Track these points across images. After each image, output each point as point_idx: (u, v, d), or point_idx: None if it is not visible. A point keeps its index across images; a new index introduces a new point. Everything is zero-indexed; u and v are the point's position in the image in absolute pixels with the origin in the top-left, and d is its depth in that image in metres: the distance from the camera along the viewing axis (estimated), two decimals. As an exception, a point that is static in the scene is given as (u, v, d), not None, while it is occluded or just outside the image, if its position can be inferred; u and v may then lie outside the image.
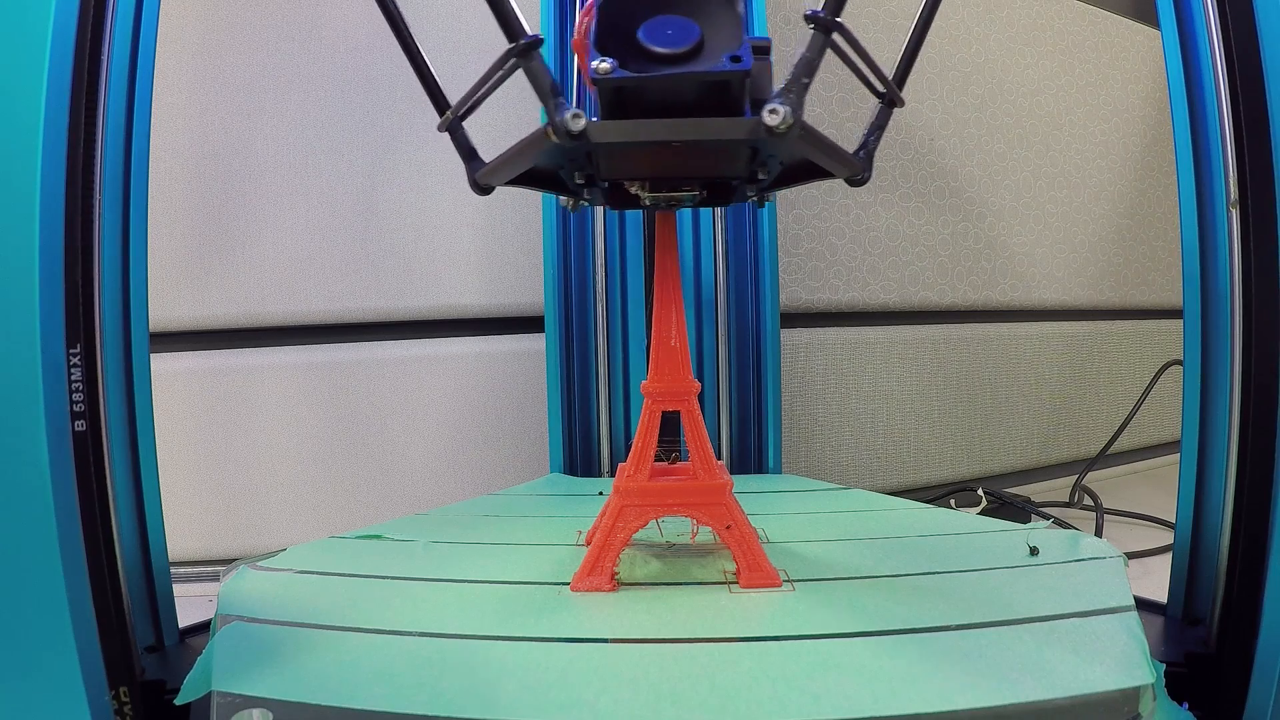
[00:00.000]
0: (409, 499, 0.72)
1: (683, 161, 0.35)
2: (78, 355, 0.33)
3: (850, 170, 0.35)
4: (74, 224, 0.33)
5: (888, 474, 0.85)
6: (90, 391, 0.35)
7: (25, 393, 0.30)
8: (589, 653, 0.33)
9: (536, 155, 0.33)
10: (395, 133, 0.71)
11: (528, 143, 0.31)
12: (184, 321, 0.69)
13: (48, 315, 0.30)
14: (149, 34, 0.40)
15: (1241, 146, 0.38)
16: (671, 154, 0.33)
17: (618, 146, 0.31)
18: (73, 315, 0.33)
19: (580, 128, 0.29)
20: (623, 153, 0.33)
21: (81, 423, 0.33)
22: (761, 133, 0.29)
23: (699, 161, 0.35)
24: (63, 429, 0.31)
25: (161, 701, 0.35)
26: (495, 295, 0.73)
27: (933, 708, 0.29)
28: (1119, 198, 1.02)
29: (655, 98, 0.31)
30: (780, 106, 0.28)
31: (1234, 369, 0.39)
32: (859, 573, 0.41)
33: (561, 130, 0.29)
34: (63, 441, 0.31)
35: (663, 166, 0.36)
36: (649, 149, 0.32)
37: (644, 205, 0.40)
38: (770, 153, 0.34)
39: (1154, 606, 0.44)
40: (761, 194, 0.42)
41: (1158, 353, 1.05)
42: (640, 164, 0.36)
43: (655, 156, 0.34)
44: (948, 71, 0.86)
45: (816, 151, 0.33)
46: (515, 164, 0.34)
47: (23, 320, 0.30)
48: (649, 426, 0.41)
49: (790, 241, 0.78)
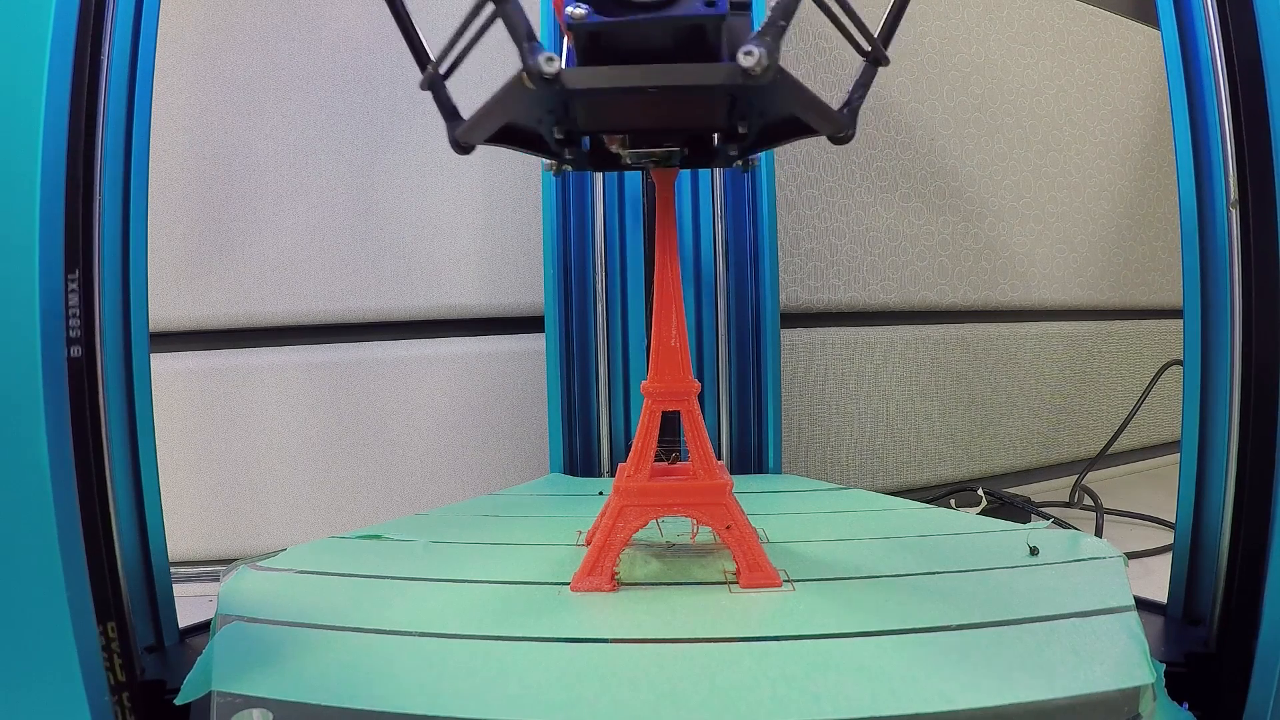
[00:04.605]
0: (409, 499, 0.72)
1: (660, 111, 0.35)
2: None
3: (833, 126, 0.34)
4: (74, 224, 0.33)
5: (888, 474, 0.85)
6: (90, 391, 0.35)
7: (26, 393, 0.30)
8: (589, 653, 0.33)
9: (515, 106, 0.33)
10: (395, 132, 0.71)
11: (504, 91, 0.31)
12: (183, 321, 0.69)
13: (48, 314, 0.30)
14: (149, 34, 0.40)
15: (1241, 146, 0.38)
16: (649, 103, 0.33)
17: (594, 95, 0.31)
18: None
19: (554, 70, 0.29)
20: (600, 103, 0.33)
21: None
22: (738, 77, 0.28)
23: (677, 112, 0.35)
24: (63, 429, 0.31)
25: (161, 701, 0.35)
26: (495, 295, 0.73)
27: (933, 708, 0.29)
28: (1119, 198, 1.02)
29: (631, 44, 0.31)
30: (756, 48, 0.28)
31: (1234, 369, 0.39)
32: (859, 573, 0.41)
33: (535, 74, 0.29)
34: (63, 441, 0.31)
35: (641, 117, 0.36)
36: (626, 97, 0.32)
37: (625, 165, 0.40)
38: (749, 102, 0.33)
39: (1154, 606, 0.44)
40: (745, 155, 0.41)
41: (1158, 353, 1.05)
42: (618, 115, 0.36)
43: (632, 106, 0.34)
44: (948, 71, 0.86)
45: (796, 102, 0.32)
46: (493, 116, 0.33)
47: (23, 320, 0.30)
48: (649, 426, 0.41)
49: (790, 241, 0.78)
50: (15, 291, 0.30)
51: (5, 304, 0.30)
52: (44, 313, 0.30)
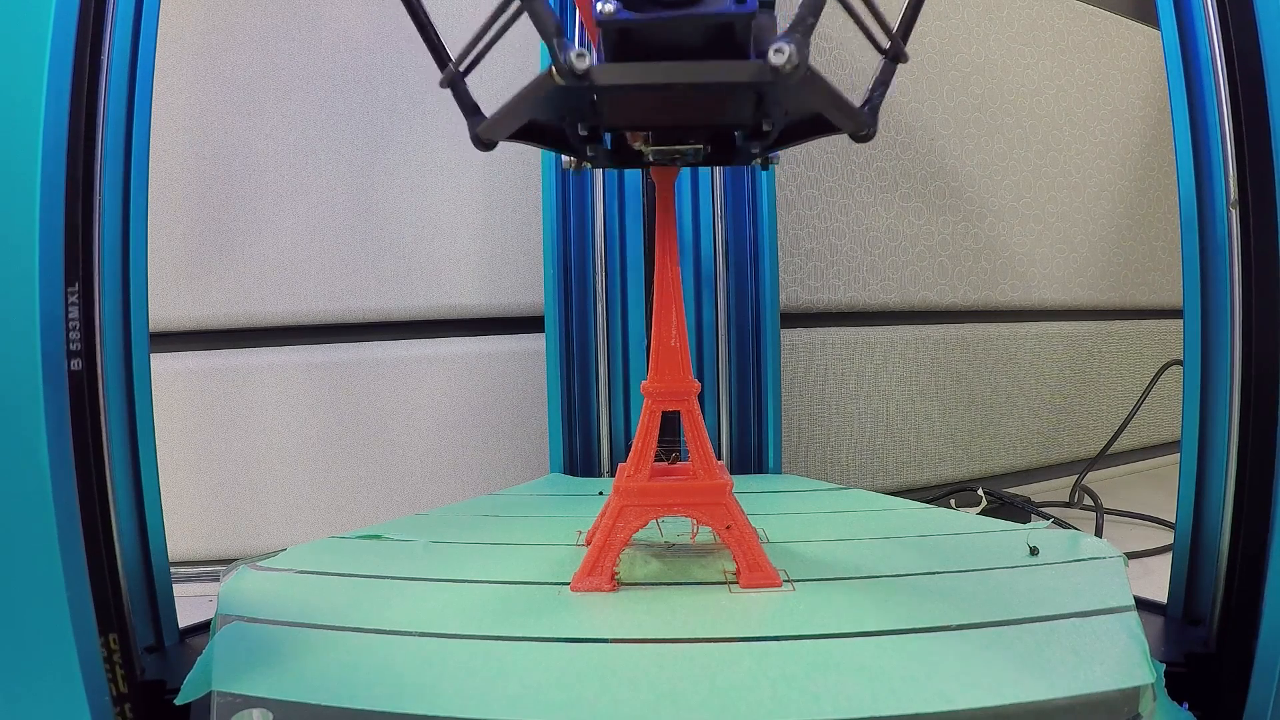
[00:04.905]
0: (409, 499, 0.72)
1: (687, 108, 0.35)
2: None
3: (856, 124, 0.34)
4: (74, 224, 0.33)
5: (888, 474, 0.85)
6: (91, 391, 0.35)
7: (26, 393, 0.30)
8: (589, 653, 0.33)
9: (540, 102, 0.33)
10: (395, 132, 0.71)
11: (531, 88, 0.31)
12: (184, 321, 0.69)
13: (48, 315, 0.30)
14: (149, 34, 0.40)
15: (1241, 146, 0.38)
16: (675, 100, 0.33)
17: (621, 91, 0.31)
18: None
19: (585, 66, 0.29)
20: (626, 99, 0.33)
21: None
22: (767, 74, 0.28)
23: (703, 108, 0.35)
24: (63, 429, 0.31)
25: (161, 701, 0.35)
26: (495, 295, 0.73)
27: (933, 708, 0.29)
28: (1119, 198, 1.02)
29: (659, 41, 0.31)
30: (786, 45, 0.28)
31: (1234, 369, 0.39)
32: (859, 573, 0.41)
33: (566, 70, 0.29)
34: (63, 447, 0.31)
35: (666, 113, 0.36)
36: (653, 93, 0.32)
37: (647, 162, 0.40)
38: (775, 99, 0.33)
39: (1154, 606, 0.44)
40: (765, 153, 0.41)
41: (1158, 353, 1.05)
42: (644, 111, 0.35)
43: (659, 102, 0.34)
44: (948, 71, 0.86)
45: (822, 99, 0.32)
46: (518, 112, 0.33)
47: (23, 320, 0.30)
48: (649, 426, 0.41)
49: (790, 241, 0.78)
50: (15, 290, 0.30)
51: (5, 303, 0.30)
52: (44, 312, 0.30)
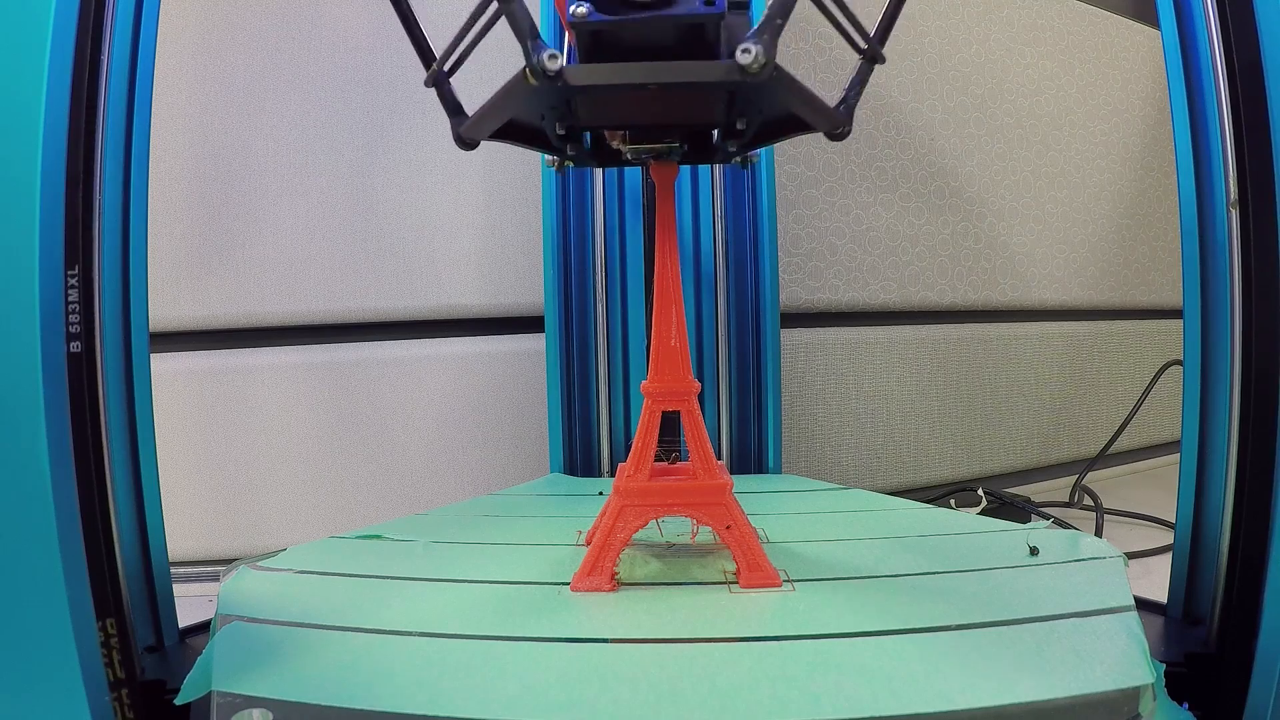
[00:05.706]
0: (409, 499, 0.72)
1: (660, 108, 0.35)
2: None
3: (830, 123, 0.35)
4: (74, 224, 0.33)
5: (888, 474, 0.85)
6: (91, 391, 0.35)
7: (26, 390, 0.30)
8: (589, 653, 0.33)
9: (517, 102, 0.33)
10: (395, 132, 0.71)
11: (507, 88, 0.32)
12: (184, 321, 0.69)
13: (48, 315, 0.30)
14: (149, 34, 0.40)
15: (1241, 146, 0.38)
16: (649, 99, 0.34)
17: (595, 91, 0.32)
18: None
19: (557, 68, 0.30)
20: (601, 99, 0.34)
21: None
22: (736, 74, 0.29)
23: (676, 108, 0.36)
24: (63, 427, 0.31)
25: (161, 701, 0.35)
26: (495, 295, 0.73)
27: (933, 708, 0.29)
28: (1119, 198, 1.02)
29: (632, 42, 0.31)
30: (753, 46, 0.29)
31: (1234, 369, 0.39)
32: (859, 573, 0.41)
33: (539, 71, 0.30)
34: (63, 440, 0.31)
35: (641, 113, 0.37)
36: (626, 94, 0.33)
37: (626, 161, 0.40)
38: (748, 98, 0.34)
39: (1154, 606, 0.44)
40: (743, 151, 0.42)
41: (1158, 353, 1.05)
42: (619, 110, 0.36)
43: (633, 102, 0.35)
44: (948, 71, 0.86)
45: (794, 98, 0.33)
46: (497, 112, 0.34)
47: (23, 321, 0.30)
48: (649, 426, 0.41)
49: (790, 241, 0.78)
50: (15, 287, 0.30)
51: (5, 300, 0.30)
52: (44, 309, 0.30)
